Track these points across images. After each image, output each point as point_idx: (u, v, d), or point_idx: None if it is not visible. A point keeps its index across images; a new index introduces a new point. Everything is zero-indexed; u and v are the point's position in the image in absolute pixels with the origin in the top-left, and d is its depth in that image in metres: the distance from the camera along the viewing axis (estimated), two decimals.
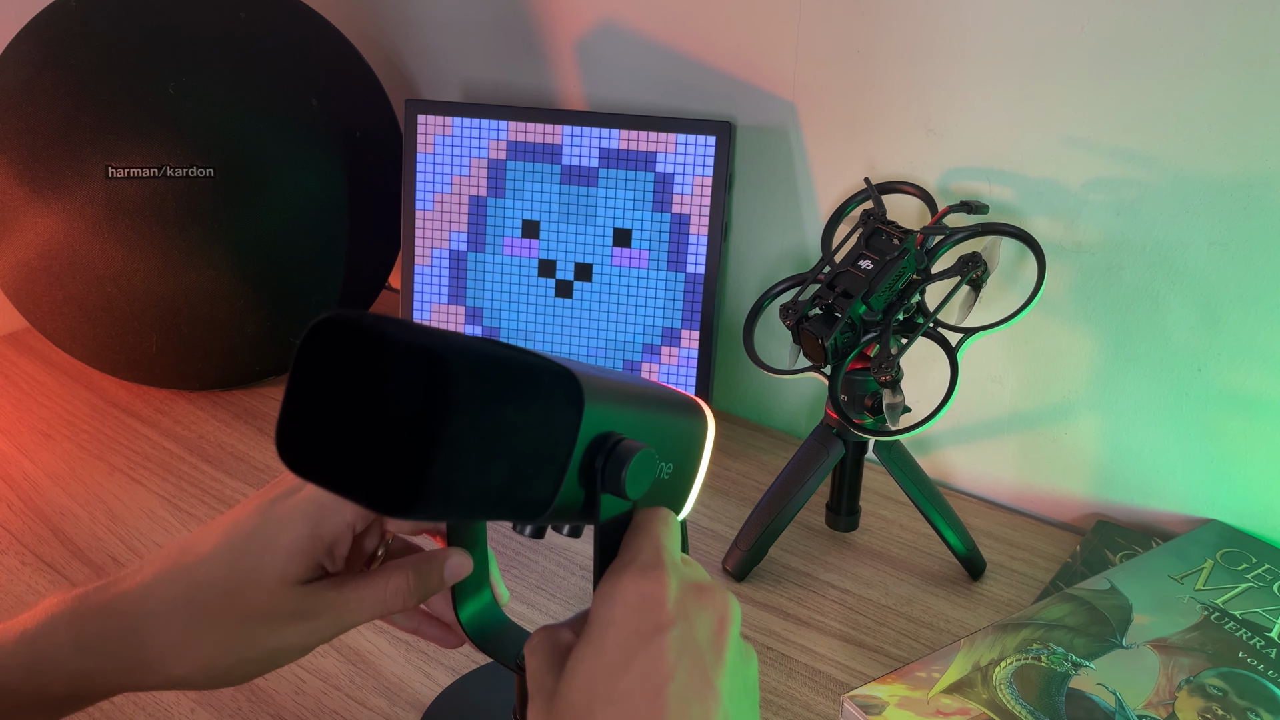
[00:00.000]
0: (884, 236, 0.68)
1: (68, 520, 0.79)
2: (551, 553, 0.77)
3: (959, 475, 0.87)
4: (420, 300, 0.95)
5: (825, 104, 0.83)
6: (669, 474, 0.47)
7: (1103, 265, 0.74)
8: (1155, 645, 0.63)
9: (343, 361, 0.36)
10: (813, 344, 0.67)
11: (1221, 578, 0.69)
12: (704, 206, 0.88)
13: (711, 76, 0.88)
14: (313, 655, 0.66)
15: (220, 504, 0.81)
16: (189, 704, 0.62)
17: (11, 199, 0.86)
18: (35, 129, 0.85)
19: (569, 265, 0.92)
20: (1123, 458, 0.79)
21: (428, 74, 1.08)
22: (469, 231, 0.93)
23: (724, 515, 0.81)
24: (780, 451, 0.90)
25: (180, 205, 0.88)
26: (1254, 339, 0.70)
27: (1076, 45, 0.71)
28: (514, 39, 0.99)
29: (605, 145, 0.89)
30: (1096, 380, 0.77)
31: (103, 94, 0.86)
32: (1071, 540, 0.79)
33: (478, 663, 0.65)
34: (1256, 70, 0.65)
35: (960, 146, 0.78)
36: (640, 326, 0.91)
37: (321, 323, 0.37)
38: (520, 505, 0.39)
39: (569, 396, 0.39)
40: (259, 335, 0.94)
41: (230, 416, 0.94)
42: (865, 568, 0.76)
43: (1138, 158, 0.71)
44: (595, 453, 0.40)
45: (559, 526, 0.46)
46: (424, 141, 0.92)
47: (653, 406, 0.46)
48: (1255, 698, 0.59)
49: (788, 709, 0.63)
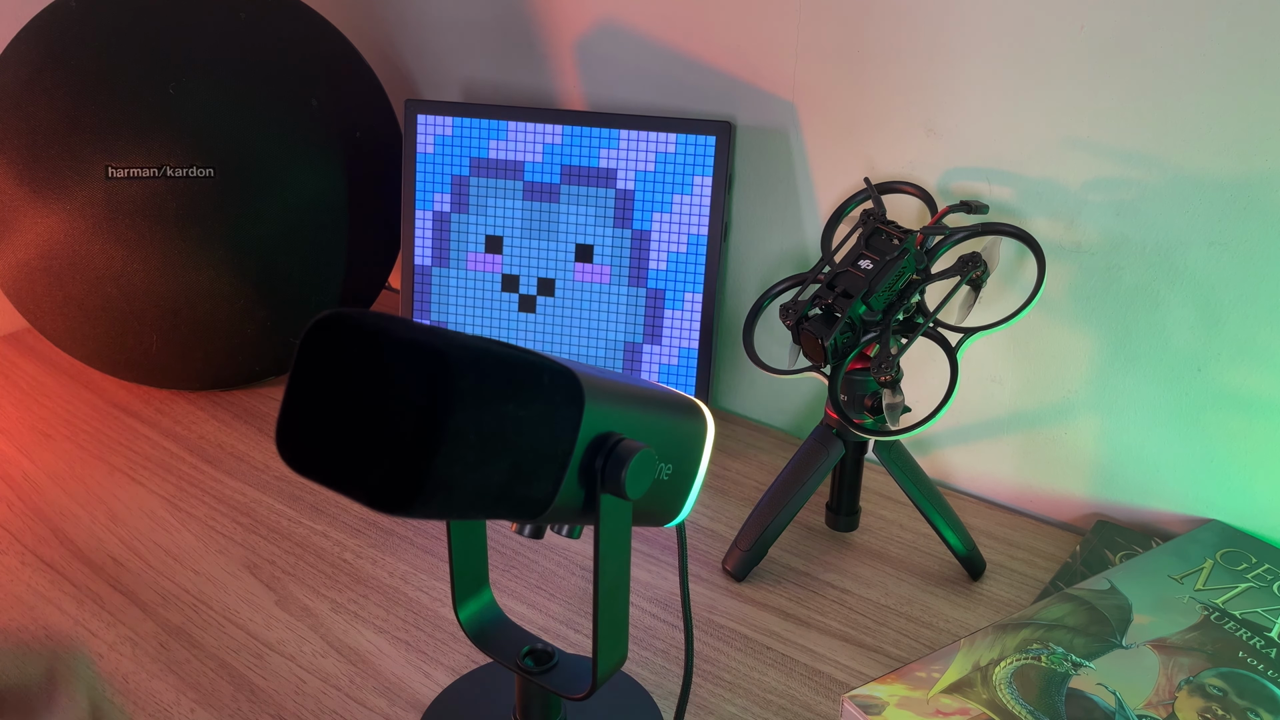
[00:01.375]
0: (884, 236, 0.68)
1: (68, 520, 0.79)
2: (551, 553, 0.77)
3: (959, 475, 0.87)
4: (420, 300, 0.95)
5: (825, 104, 0.83)
6: (668, 475, 0.47)
7: (1102, 265, 0.74)
8: (1155, 645, 0.63)
9: (344, 360, 0.36)
10: (813, 344, 0.67)
11: (1221, 578, 0.69)
12: (704, 206, 0.88)
13: (711, 76, 0.88)
14: (313, 655, 0.66)
15: (220, 504, 0.81)
16: (189, 704, 0.62)
17: (11, 199, 0.86)
18: (35, 129, 0.85)
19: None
20: (1123, 458, 0.79)
21: (428, 74, 1.08)
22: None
23: (724, 515, 0.81)
24: (780, 451, 0.90)
25: (180, 205, 0.88)
26: (1254, 339, 0.70)
27: (1076, 45, 0.71)
28: (514, 39, 0.99)
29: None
30: (1096, 380, 0.78)
31: (103, 94, 0.86)
32: (1071, 540, 0.79)
33: (478, 663, 0.65)
34: (1256, 70, 0.65)
35: (960, 146, 0.78)
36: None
37: (322, 321, 0.37)
38: (520, 503, 0.39)
39: (570, 395, 0.39)
40: (259, 335, 0.94)
41: (230, 416, 0.94)
42: (865, 568, 0.76)
43: (1137, 158, 0.71)
44: (595, 452, 0.40)
45: (559, 527, 0.46)
46: (424, 141, 0.92)
47: (653, 407, 0.46)
48: (1255, 698, 0.59)
49: (788, 709, 0.63)
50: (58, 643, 0.66)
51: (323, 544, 0.77)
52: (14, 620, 0.68)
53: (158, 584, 0.72)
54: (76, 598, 0.70)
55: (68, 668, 0.62)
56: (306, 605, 0.70)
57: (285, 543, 0.77)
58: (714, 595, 0.73)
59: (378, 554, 0.76)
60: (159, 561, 0.74)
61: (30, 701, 0.61)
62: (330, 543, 0.77)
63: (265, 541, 0.77)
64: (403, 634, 0.68)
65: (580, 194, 0.90)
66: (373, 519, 0.80)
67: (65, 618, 0.68)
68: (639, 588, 0.73)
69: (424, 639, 0.67)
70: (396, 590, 0.72)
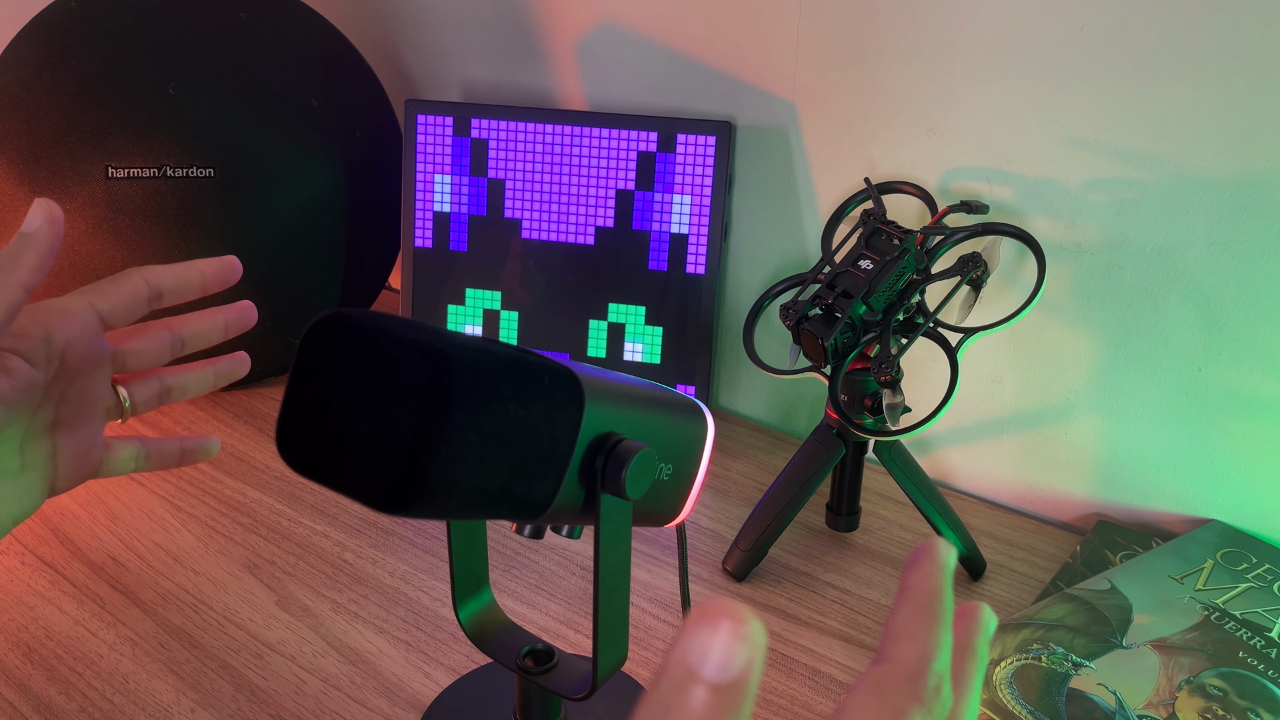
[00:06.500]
0: (884, 236, 0.68)
1: (68, 520, 0.79)
2: (551, 553, 0.77)
3: (959, 475, 0.87)
4: (420, 300, 0.95)
5: (825, 104, 0.83)
6: (669, 475, 0.47)
7: (1103, 265, 0.74)
8: (1155, 645, 0.63)
9: (344, 359, 0.36)
10: (813, 344, 0.67)
11: (1221, 578, 0.69)
12: (704, 206, 0.88)
13: (711, 76, 0.88)
14: (313, 655, 0.66)
15: (220, 504, 0.81)
16: (189, 704, 0.62)
17: (11, 199, 0.86)
18: (35, 129, 0.85)
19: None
20: (1123, 458, 0.79)
21: (428, 74, 1.08)
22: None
23: (724, 515, 0.81)
24: (780, 451, 0.90)
25: (180, 205, 0.88)
26: (1254, 339, 0.70)
27: (1076, 45, 0.71)
28: (514, 39, 0.99)
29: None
30: (1096, 380, 0.77)
31: (103, 94, 0.86)
32: (1071, 540, 0.79)
33: (478, 663, 0.65)
34: (1256, 70, 0.65)
35: (960, 146, 0.78)
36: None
37: (322, 321, 0.37)
38: (520, 504, 0.39)
39: (570, 395, 0.39)
40: (259, 335, 0.94)
41: (230, 416, 0.94)
42: (865, 568, 0.76)
43: (1137, 158, 0.71)
44: (595, 452, 0.40)
45: (559, 527, 0.46)
46: (424, 141, 0.92)
47: (653, 407, 0.46)
48: (1255, 698, 0.59)
49: (788, 709, 0.63)
50: (58, 642, 0.66)
51: (323, 544, 0.77)
52: (14, 620, 0.68)
53: (158, 584, 0.72)
54: (76, 598, 0.70)
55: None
56: (307, 605, 0.70)
57: (285, 543, 0.77)
58: (714, 595, 0.72)
59: (378, 554, 0.76)
60: (159, 561, 0.74)
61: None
62: (330, 543, 0.77)
63: (265, 541, 0.77)
64: (403, 634, 0.68)
65: (580, 194, 0.90)
66: (373, 519, 0.80)
67: (65, 618, 0.68)
68: (639, 588, 0.73)
69: (424, 639, 0.67)
70: (397, 590, 0.72)
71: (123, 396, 0.52)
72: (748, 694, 0.24)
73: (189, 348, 0.54)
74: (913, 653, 0.31)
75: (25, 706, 0.61)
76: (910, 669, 0.30)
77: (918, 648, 0.31)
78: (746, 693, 0.24)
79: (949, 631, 0.32)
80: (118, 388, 0.52)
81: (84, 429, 0.50)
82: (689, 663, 0.23)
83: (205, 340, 0.55)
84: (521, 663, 0.52)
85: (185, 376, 0.55)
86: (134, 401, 0.52)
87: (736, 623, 0.23)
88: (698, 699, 0.23)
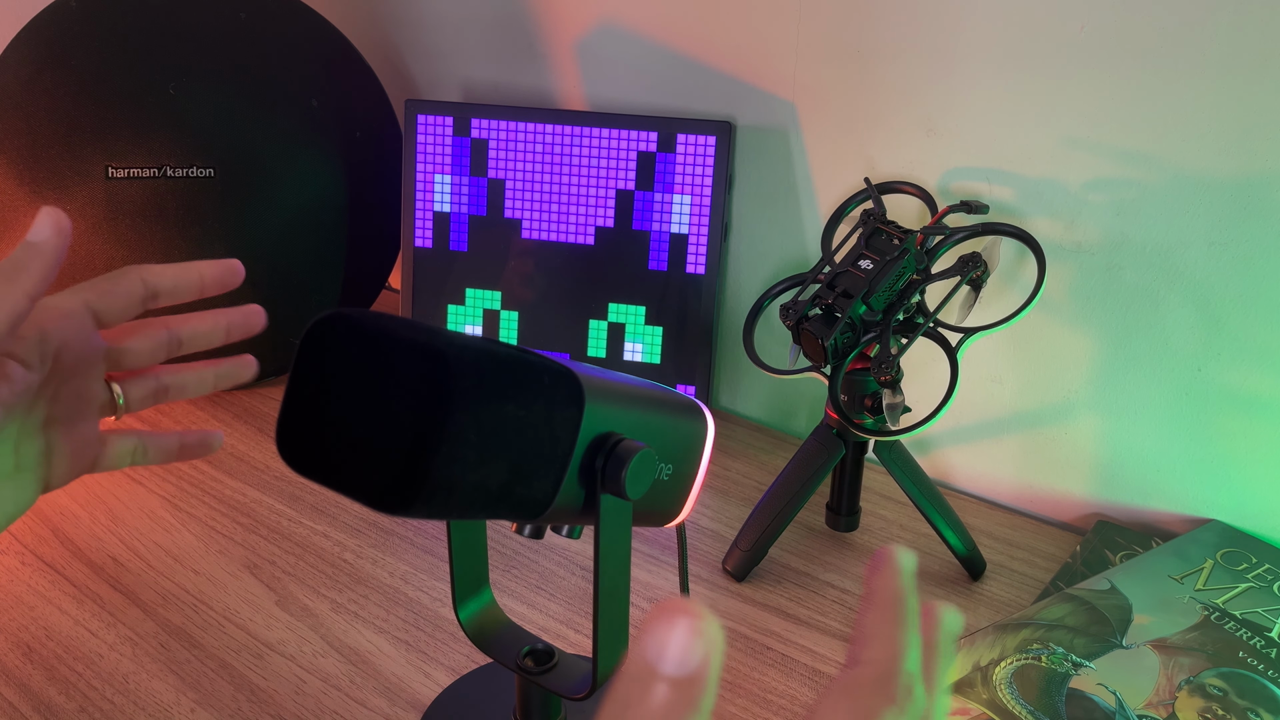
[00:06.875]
0: (884, 236, 0.68)
1: (68, 520, 0.79)
2: (551, 553, 0.77)
3: (959, 475, 0.87)
4: (420, 300, 0.95)
5: (825, 104, 0.83)
6: (669, 475, 0.47)
7: (1103, 265, 0.74)
8: (1155, 645, 0.63)
9: (344, 359, 0.36)
10: (813, 344, 0.67)
11: (1221, 578, 0.69)
12: (704, 206, 0.88)
13: (711, 76, 0.88)
14: (313, 655, 0.66)
15: (220, 504, 0.81)
16: (189, 704, 0.62)
17: (11, 199, 0.86)
18: (35, 129, 0.85)
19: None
20: (1123, 458, 0.79)
21: (428, 74, 1.08)
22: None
23: (724, 515, 0.81)
24: (780, 451, 0.90)
25: (180, 205, 0.88)
26: (1254, 339, 0.70)
27: (1076, 45, 0.71)
28: (514, 39, 0.99)
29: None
30: (1096, 380, 0.77)
31: (103, 94, 0.86)
32: (1071, 540, 0.79)
33: (478, 663, 0.65)
34: (1256, 70, 0.65)
35: (960, 146, 0.78)
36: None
37: (322, 321, 0.37)
38: (520, 503, 0.39)
39: (570, 395, 0.39)
40: (259, 335, 0.94)
41: (230, 417, 0.94)
42: (865, 568, 0.76)
43: (1138, 158, 0.71)
44: (595, 452, 0.40)
45: (558, 527, 0.46)
46: (424, 141, 0.92)
47: (653, 407, 0.46)
48: (1255, 698, 0.59)
49: (788, 709, 0.63)
50: (58, 642, 0.66)
51: (323, 544, 0.77)
52: (14, 620, 0.68)
53: (158, 584, 0.72)
54: (76, 598, 0.70)
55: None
56: (307, 605, 0.70)
57: (285, 543, 0.77)
58: (714, 595, 0.73)
59: (378, 554, 0.76)
60: (159, 561, 0.74)
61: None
62: (330, 543, 0.77)
63: (265, 541, 0.77)
64: (403, 634, 0.68)
65: (580, 194, 0.90)
66: (373, 519, 0.80)
67: (65, 618, 0.68)
68: (639, 588, 0.73)
69: (424, 639, 0.67)
70: (397, 590, 0.72)
71: (116, 393, 0.51)
72: (706, 688, 0.24)
73: (187, 348, 0.54)
74: (883, 653, 0.31)
75: (25, 706, 0.61)
76: (881, 670, 0.30)
77: (887, 648, 0.31)
78: (705, 687, 0.24)
79: (916, 632, 0.33)
80: (111, 384, 0.51)
81: (78, 425, 0.50)
82: (648, 658, 0.24)
83: (205, 341, 0.55)
84: (521, 663, 0.52)
85: (183, 376, 0.55)
86: (128, 399, 0.52)
87: (693, 619, 0.24)
88: (657, 694, 0.24)
